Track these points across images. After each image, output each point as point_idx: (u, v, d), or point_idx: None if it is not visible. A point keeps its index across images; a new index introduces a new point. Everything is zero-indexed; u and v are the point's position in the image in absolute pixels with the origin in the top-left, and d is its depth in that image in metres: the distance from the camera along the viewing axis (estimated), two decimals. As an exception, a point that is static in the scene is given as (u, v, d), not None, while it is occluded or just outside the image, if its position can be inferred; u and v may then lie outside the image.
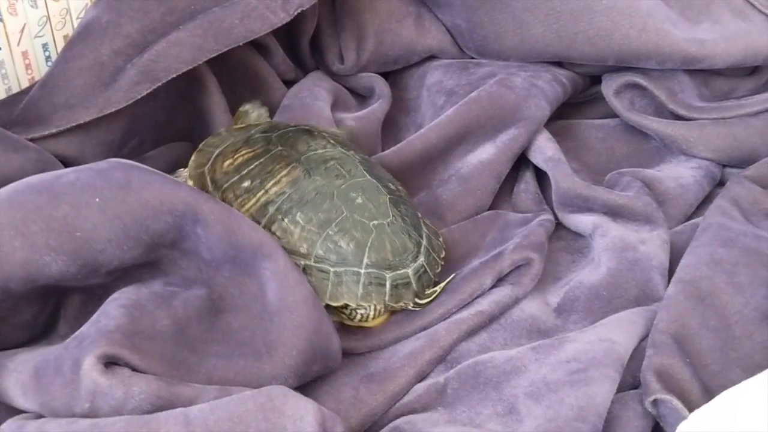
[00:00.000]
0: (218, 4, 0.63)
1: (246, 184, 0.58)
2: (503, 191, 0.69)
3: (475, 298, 0.57)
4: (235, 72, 0.72)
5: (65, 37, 0.66)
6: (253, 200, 0.57)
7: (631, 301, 0.55)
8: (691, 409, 0.44)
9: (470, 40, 0.77)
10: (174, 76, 0.60)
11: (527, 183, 0.69)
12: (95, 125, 0.59)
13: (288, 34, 0.76)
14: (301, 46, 0.77)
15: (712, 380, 0.49)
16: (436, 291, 0.57)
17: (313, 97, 0.72)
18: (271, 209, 0.56)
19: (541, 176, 0.70)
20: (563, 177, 0.65)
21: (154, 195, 0.46)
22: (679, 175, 0.68)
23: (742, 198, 0.64)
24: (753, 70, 0.76)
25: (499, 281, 0.58)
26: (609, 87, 0.74)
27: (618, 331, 0.50)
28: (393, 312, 0.57)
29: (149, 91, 0.59)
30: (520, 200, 0.68)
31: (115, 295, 0.47)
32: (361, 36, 0.77)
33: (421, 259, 0.56)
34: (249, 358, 0.46)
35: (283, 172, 0.57)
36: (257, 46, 0.72)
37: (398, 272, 0.54)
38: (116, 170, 0.47)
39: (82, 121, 0.58)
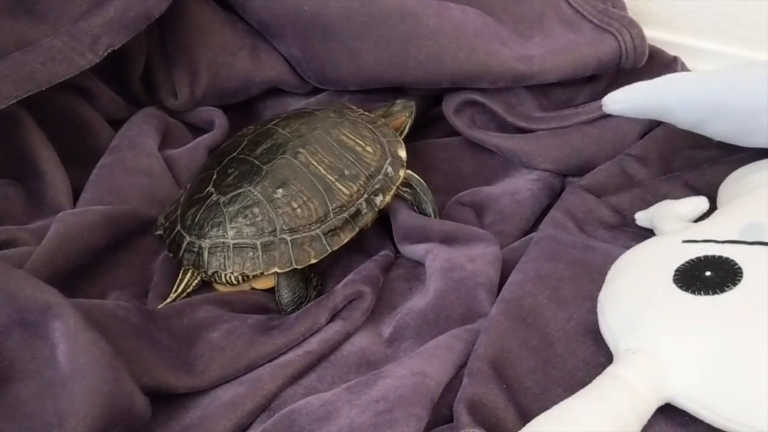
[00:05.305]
0: (18, 48, 0.60)
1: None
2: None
3: (308, 337, 0.55)
4: (57, 116, 0.68)
5: None
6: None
7: (456, 320, 0.54)
8: (503, 438, 0.43)
9: (308, 70, 0.75)
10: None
11: None
12: None
13: (117, 72, 0.73)
14: (132, 84, 0.74)
15: (533, 403, 0.48)
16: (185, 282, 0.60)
17: (141, 135, 0.69)
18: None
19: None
20: (398, 210, 0.64)
21: None
22: (516, 190, 0.68)
23: (576, 208, 0.64)
24: (591, 78, 0.76)
25: (333, 317, 0.56)
26: (449, 106, 0.74)
27: (432, 361, 0.48)
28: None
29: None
30: (365, 236, 0.66)
31: None
32: (194, 71, 0.74)
33: (204, 243, 0.58)
34: (37, 432, 0.43)
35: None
36: (78, 88, 0.69)
37: (191, 239, 0.59)
38: None
39: None
